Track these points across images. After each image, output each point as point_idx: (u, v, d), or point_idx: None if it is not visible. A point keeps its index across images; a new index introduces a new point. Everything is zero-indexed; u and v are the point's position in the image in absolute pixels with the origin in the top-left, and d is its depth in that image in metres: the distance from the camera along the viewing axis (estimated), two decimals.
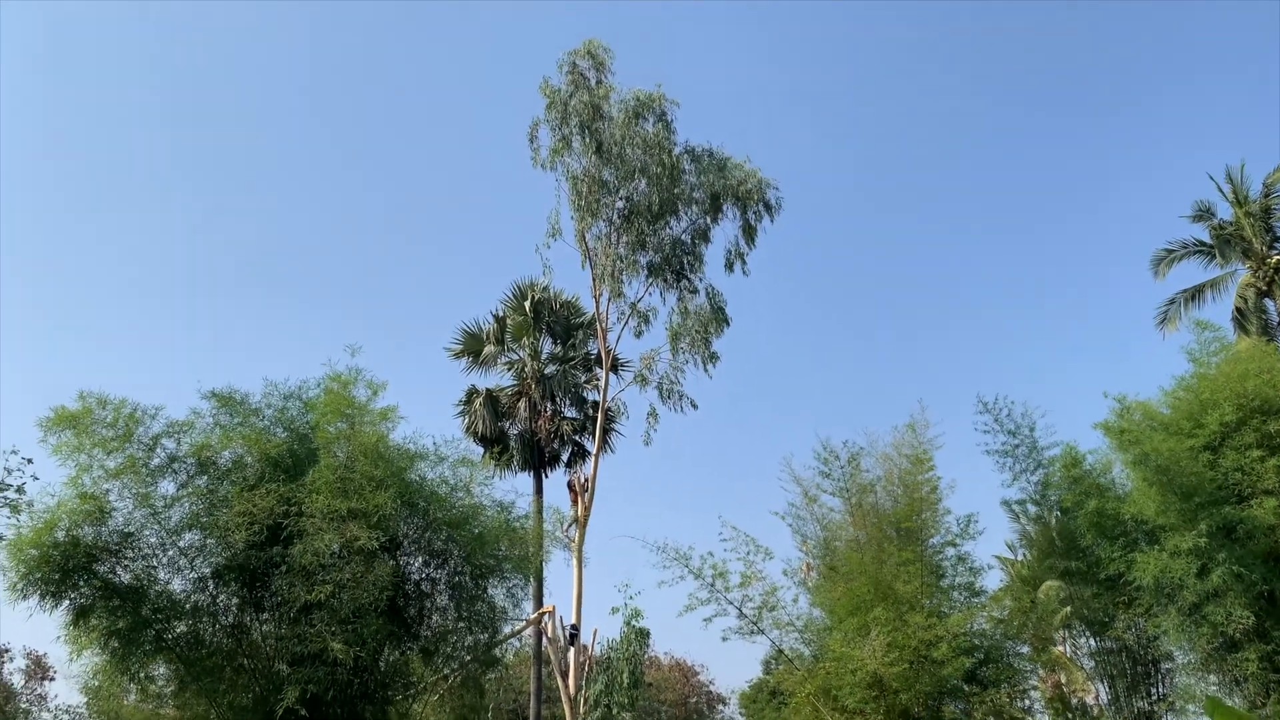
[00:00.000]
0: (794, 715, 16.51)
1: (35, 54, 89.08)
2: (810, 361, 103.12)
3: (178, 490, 14.27)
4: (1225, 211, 33.81)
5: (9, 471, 23.46)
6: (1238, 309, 32.70)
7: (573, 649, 24.20)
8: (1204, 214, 33.93)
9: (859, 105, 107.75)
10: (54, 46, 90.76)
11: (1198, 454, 14.53)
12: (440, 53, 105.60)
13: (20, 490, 23.00)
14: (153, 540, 13.97)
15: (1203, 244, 34.43)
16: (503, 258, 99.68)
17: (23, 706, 31.76)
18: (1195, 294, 34.19)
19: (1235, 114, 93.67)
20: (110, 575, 13.60)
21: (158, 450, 14.17)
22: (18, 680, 32.20)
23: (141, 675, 14.00)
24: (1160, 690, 16.71)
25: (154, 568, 14.05)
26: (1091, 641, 17.66)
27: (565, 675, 23.81)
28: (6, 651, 31.96)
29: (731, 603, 17.15)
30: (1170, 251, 34.86)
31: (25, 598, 13.01)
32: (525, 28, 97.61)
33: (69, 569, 13.12)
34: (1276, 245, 33.07)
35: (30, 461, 23.20)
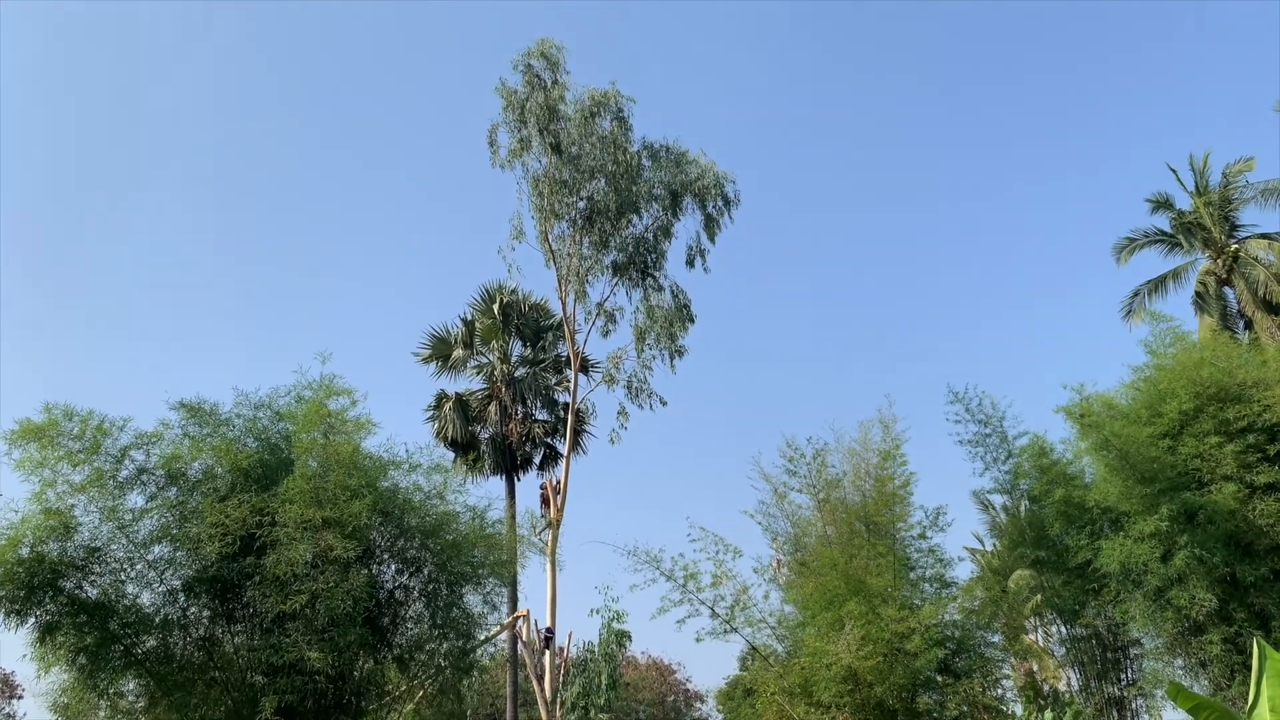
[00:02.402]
0: (765, 709, 16.58)
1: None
2: (779, 354, 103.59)
3: (147, 503, 14.13)
4: (1184, 202, 34.45)
5: None
6: (1198, 294, 33.34)
7: (548, 652, 24.19)
8: (1162, 204, 34.53)
9: (825, 96, 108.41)
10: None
11: (1157, 441, 14.77)
12: (404, 49, 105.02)
13: None
14: (120, 554, 13.82)
15: (1163, 233, 35.04)
16: (472, 261, 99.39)
17: None
18: (1158, 284, 34.80)
19: (1200, 105, 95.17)
20: (77, 591, 13.43)
21: (126, 462, 14.02)
22: None
23: (111, 691, 13.81)
24: (1130, 675, 16.90)
25: (122, 582, 13.88)
26: (1062, 629, 17.81)
27: (541, 678, 23.80)
28: None
29: (704, 603, 17.15)
30: (1132, 240, 35.48)
31: None
32: (486, 25, 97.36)
33: (34, 586, 12.96)
34: (1235, 234, 33.72)
35: None
